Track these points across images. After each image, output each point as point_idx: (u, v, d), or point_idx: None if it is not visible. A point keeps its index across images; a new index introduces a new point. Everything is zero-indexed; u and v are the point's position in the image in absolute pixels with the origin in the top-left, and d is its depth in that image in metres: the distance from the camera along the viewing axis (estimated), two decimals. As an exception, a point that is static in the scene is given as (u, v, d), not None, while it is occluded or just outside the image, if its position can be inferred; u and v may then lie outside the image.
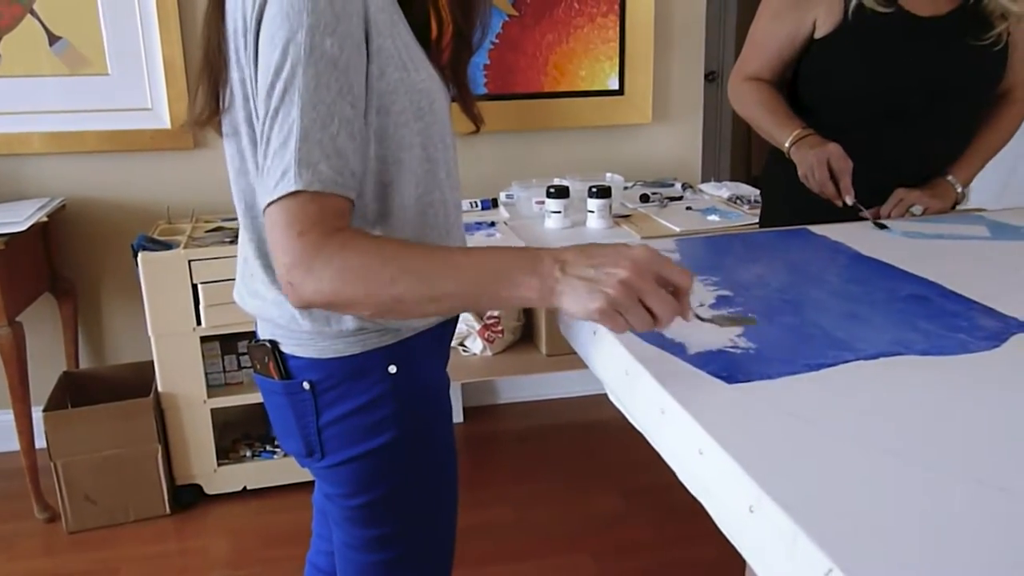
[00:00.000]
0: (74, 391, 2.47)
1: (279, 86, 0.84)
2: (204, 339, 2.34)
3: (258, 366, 1.05)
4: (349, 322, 0.96)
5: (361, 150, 0.89)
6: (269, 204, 0.84)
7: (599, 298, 0.79)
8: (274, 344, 1.01)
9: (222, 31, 0.93)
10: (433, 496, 1.09)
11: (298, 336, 0.99)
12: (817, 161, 1.44)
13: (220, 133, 1.00)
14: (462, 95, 1.09)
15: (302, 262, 0.82)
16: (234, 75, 0.93)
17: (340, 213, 0.85)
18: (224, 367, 2.47)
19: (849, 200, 1.44)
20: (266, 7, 0.85)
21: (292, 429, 1.04)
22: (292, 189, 0.82)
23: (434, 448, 1.07)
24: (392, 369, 1.00)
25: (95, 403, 2.30)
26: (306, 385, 1.00)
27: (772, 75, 1.62)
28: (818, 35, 1.54)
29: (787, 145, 1.52)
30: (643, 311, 0.80)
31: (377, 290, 0.83)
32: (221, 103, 0.96)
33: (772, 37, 1.58)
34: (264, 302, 1.00)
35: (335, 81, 0.84)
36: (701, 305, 1.06)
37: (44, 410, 2.27)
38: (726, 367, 0.87)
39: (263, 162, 0.86)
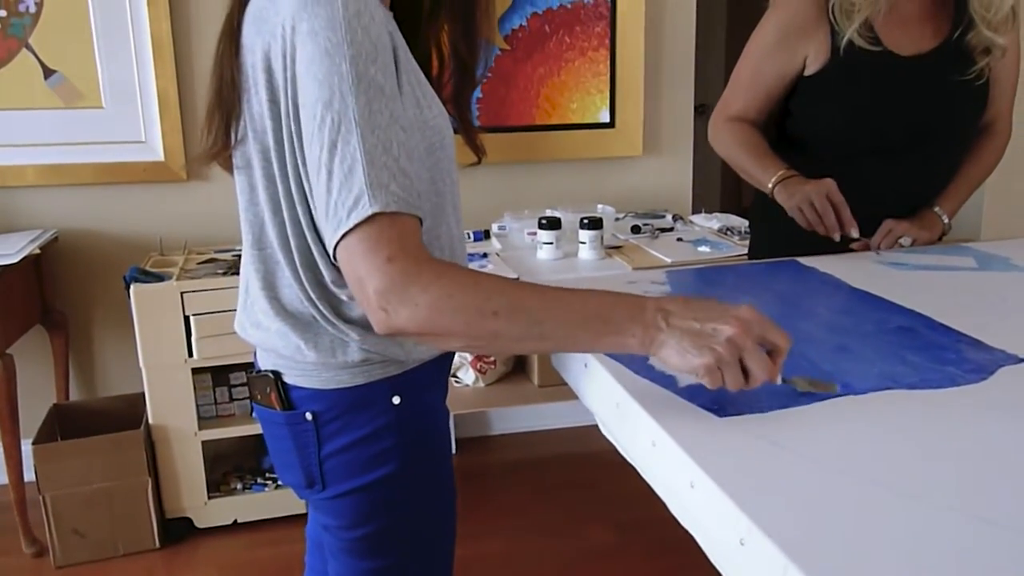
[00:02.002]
0: (64, 424, 2.45)
1: (331, 118, 0.83)
2: (196, 371, 2.33)
3: (259, 397, 1.05)
4: (355, 353, 0.96)
5: (419, 172, 0.89)
6: (344, 235, 0.83)
7: (707, 354, 0.79)
8: (277, 375, 1.01)
9: (236, 65, 0.93)
10: (433, 528, 1.08)
11: (302, 367, 0.99)
12: (816, 194, 1.41)
13: (230, 166, 1.00)
14: (465, 127, 1.10)
15: (396, 288, 0.81)
16: (248, 109, 0.93)
17: (417, 234, 0.85)
18: (216, 399, 2.46)
19: (855, 232, 1.41)
20: (298, 44, 0.85)
21: (293, 460, 1.03)
22: (369, 213, 0.81)
23: (435, 480, 1.07)
24: (396, 400, 1.00)
25: (85, 436, 2.29)
26: (308, 416, 1.00)
27: (758, 113, 1.62)
28: (808, 72, 1.54)
29: (770, 185, 1.51)
30: (739, 371, 0.80)
31: (477, 322, 0.82)
32: (233, 137, 0.96)
33: (762, 74, 1.58)
34: (267, 333, 0.99)
35: (385, 107, 0.85)
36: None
37: (33, 443, 2.25)
38: (717, 400, 0.87)
39: (327, 197, 0.84)
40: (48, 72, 2.47)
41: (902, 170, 1.56)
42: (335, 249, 0.85)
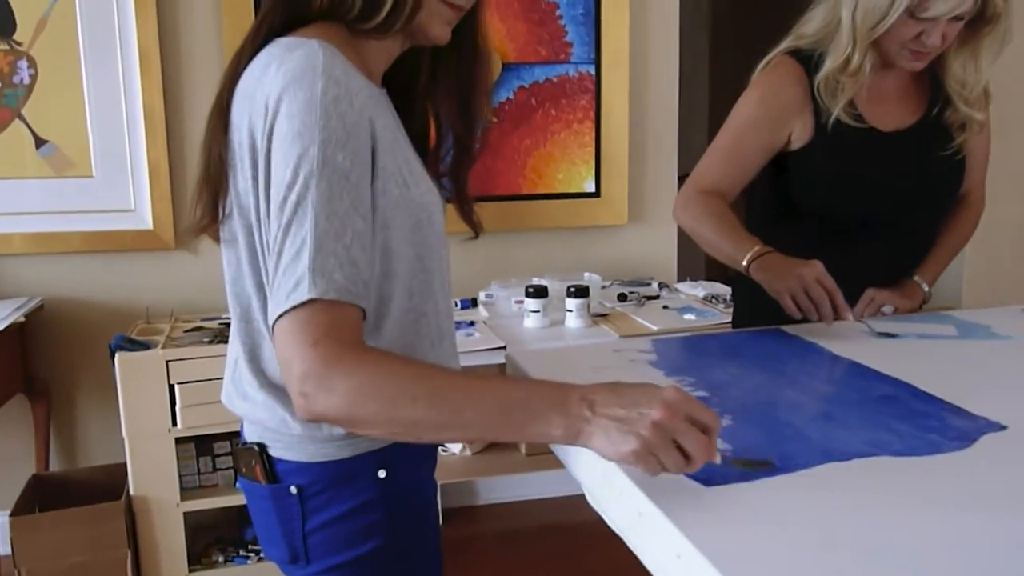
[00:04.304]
0: (43, 495, 2.40)
1: (292, 199, 0.84)
2: (179, 440, 2.31)
3: (244, 469, 1.03)
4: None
5: (371, 262, 0.89)
6: (281, 315, 0.83)
7: (633, 440, 0.77)
8: (262, 447, 1.00)
9: (224, 142, 0.94)
10: None
11: (287, 439, 0.98)
12: (810, 280, 1.36)
13: (217, 239, 1.01)
14: (462, 203, 1.11)
15: (316, 373, 0.80)
16: (234, 185, 0.94)
17: (354, 324, 0.85)
18: (199, 469, 2.42)
19: (850, 317, 1.37)
20: (276, 125, 0.86)
21: (276, 534, 1.02)
22: (306, 298, 0.81)
23: (422, 555, 1.05)
24: (382, 474, 0.99)
25: (65, 507, 2.25)
26: (293, 489, 0.98)
27: (731, 186, 1.59)
28: (793, 148, 1.56)
29: (745, 263, 1.46)
30: (677, 452, 0.78)
31: (396, 411, 0.82)
32: (221, 212, 0.97)
33: (743, 148, 1.58)
34: (254, 405, 0.99)
35: (347, 194, 0.85)
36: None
37: (11, 514, 2.21)
38: (703, 470, 0.87)
39: (274, 275, 0.85)
40: (40, 142, 2.50)
41: (886, 241, 1.58)
42: (272, 329, 0.85)
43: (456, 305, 2.53)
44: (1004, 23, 1.44)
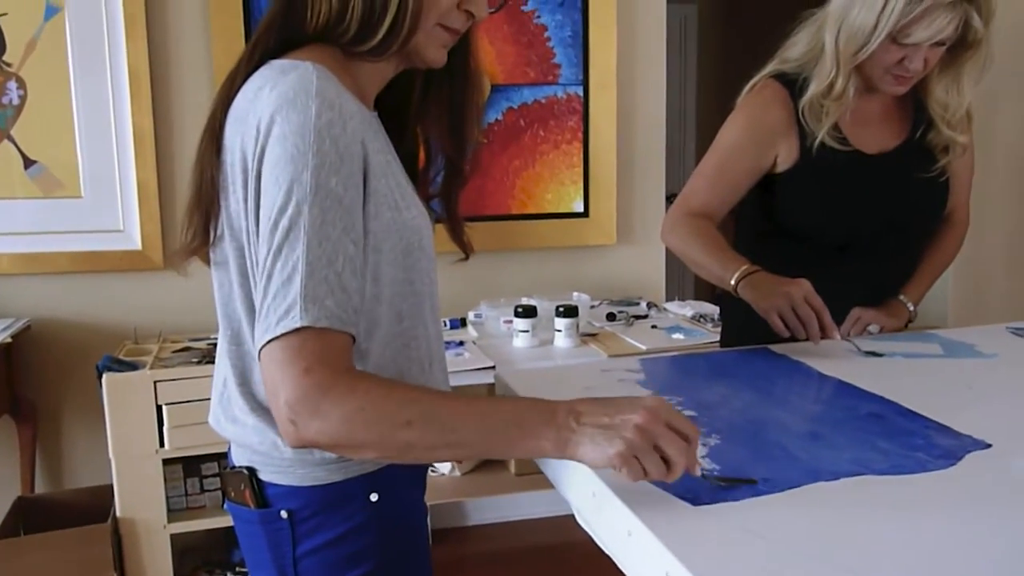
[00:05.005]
0: (28, 517, 2.38)
1: (283, 223, 0.84)
2: (167, 461, 2.29)
3: (232, 494, 1.02)
4: None
5: (362, 288, 0.90)
6: (270, 341, 0.83)
7: (617, 443, 0.80)
8: (252, 471, 0.99)
9: (216, 164, 0.94)
10: None
11: (278, 463, 0.97)
12: (799, 300, 1.37)
13: (208, 262, 1.00)
14: (452, 225, 1.11)
15: (308, 401, 0.81)
16: (226, 207, 0.94)
17: (344, 350, 0.85)
18: (186, 490, 2.41)
19: (837, 336, 1.39)
20: (267, 147, 0.86)
21: (266, 559, 1.00)
22: (298, 325, 0.81)
23: None
24: (374, 497, 0.98)
25: (50, 529, 2.22)
26: (284, 514, 0.97)
27: (719, 207, 1.61)
28: (779, 170, 1.58)
29: (733, 281, 1.47)
30: (658, 458, 0.81)
31: (389, 434, 0.83)
32: (212, 234, 0.96)
33: (729, 170, 1.60)
34: (244, 428, 0.98)
35: (340, 219, 0.85)
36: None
37: (-5, 538, 2.19)
38: (691, 489, 0.88)
39: (263, 299, 0.84)
40: (28, 162, 2.50)
41: (871, 261, 1.60)
42: (259, 353, 0.84)
43: (445, 325, 2.54)
44: (985, 48, 1.47)
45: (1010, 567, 0.73)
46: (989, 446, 1.00)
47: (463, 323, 2.61)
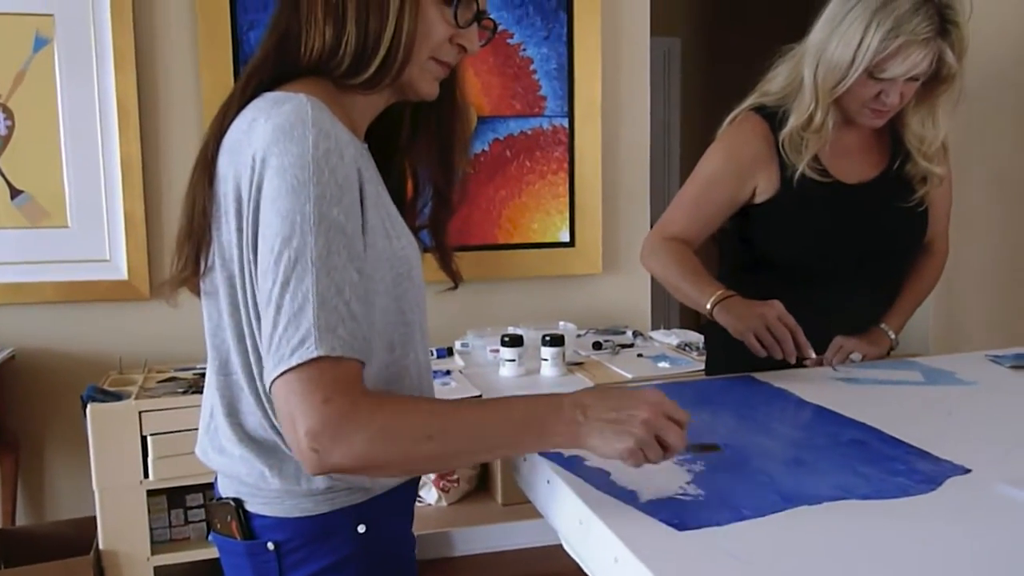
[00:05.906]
0: (9, 550, 2.35)
1: (288, 255, 0.84)
2: (151, 492, 2.27)
3: (218, 525, 1.02)
4: (320, 480, 0.94)
5: (367, 315, 0.90)
6: (284, 372, 0.83)
7: (627, 439, 0.87)
8: (238, 502, 0.99)
9: (209, 195, 0.94)
10: None
11: (265, 494, 0.97)
12: (773, 320, 1.39)
13: (198, 292, 1.00)
14: (441, 254, 1.13)
15: (330, 428, 0.81)
16: (217, 237, 0.94)
17: (358, 376, 0.86)
18: (170, 522, 2.38)
19: (812, 354, 1.41)
20: (265, 178, 0.87)
21: None
22: (314, 355, 0.82)
23: None
24: (361, 529, 0.98)
25: (31, 563, 2.20)
26: (270, 545, 0.97)
27: (697, 235, 1.63)
28: (757, 201, 1.61)
29: (708, 306, 1.49)
30: (659, 446, 0.88)
31: (413, 449, 0.85)
32: (203, 264, 0.96)
33: (708, 200, 1.62)
34: (231, 459, 0.97)
35: (344, 248, 0.86)
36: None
37: (-25, 571, 2.16)
38: (677, 514, 0.89)
39: (272, 330, 0.84)
40: (15, 192, 2.50)
41: (852, 291, 1.62)
42: (272, 383, 0.85)
43: (432, 354, 2.54)
44: (958, 83, 1.51)
45: (989, 590, 0.75)
46: (969, 471, 1.01)
47: (449, 352, 2.61)
